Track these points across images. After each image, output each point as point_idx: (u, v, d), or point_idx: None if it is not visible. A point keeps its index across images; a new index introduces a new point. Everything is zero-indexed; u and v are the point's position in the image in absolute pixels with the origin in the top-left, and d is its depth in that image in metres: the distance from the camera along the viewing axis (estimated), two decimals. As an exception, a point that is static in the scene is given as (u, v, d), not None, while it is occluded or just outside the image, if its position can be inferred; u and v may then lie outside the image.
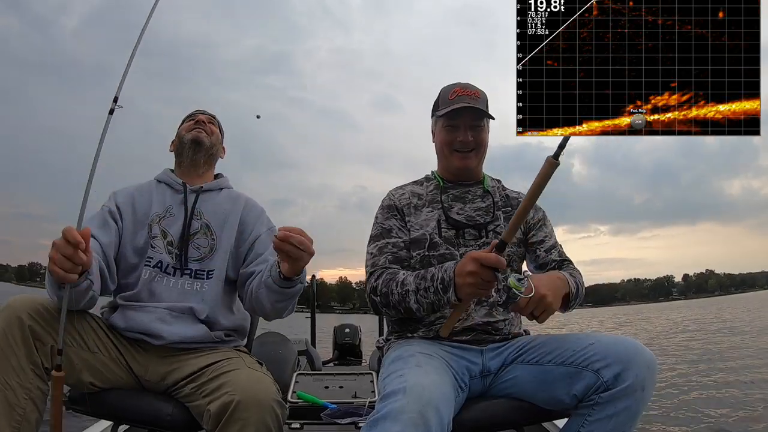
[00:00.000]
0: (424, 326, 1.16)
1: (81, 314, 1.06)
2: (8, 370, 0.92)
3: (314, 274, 4.84)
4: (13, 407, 0.91)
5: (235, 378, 0.98)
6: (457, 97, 1.22)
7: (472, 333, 1.13)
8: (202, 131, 1.29)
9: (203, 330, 1.14)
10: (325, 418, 1.59)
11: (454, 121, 1.22)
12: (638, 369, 0.92)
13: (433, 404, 0.82)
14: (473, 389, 1.09)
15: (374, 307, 1.15)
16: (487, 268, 0.92)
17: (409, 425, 0.78)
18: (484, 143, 1.26)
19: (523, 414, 1.05)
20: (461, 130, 1.22)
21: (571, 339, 1.03)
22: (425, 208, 1.24)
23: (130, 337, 1.11)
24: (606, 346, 0.96)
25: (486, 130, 1.26)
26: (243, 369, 1.03)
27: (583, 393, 0.95)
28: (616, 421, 0.92)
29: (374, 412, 0.84)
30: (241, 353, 1.16)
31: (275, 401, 0.95)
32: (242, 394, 0.91)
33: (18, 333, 0.94)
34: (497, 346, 1.13)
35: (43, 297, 1.01)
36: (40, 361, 0.95)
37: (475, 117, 1.22)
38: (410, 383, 0.85)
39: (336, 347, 4.29)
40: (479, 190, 1.28)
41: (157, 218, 1.22)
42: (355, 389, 1.87)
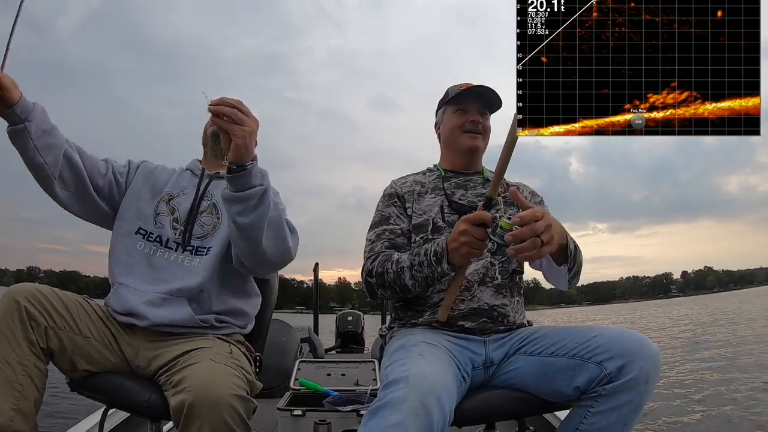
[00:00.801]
0: (428, 309, 1.16)
1: (75, 300, 1.08)
2: (6, 348, 0.94)
3: (317, 262, 4.81)
4: (11, 383, 0.93)
5: (192, 373, 0.94)
6: (466, 87, 1.29)
7: (478, 319, 1.13)
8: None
9: (188, 314, 1.12)
10: (327, 405, 1.59)
11: (465, 105, 1.29)
12: (642, 362, 0.92)
13: (435, 394, 0.82)
14: (475, 379, 1.09)
15: (370, 290, 1.16)
16: (476, 226, 0.97)
17: (410, 414, 0.78)
18: (489, 131, 1.32)
19: (524, 405, 1.06)
20: (470, 112, 1.29)
21: (574, 331, 1.04)
22: (428, 195, 1.27)
23: (123, 321, 1.12)
24: (610, 339, 0.97)
25: (489, 122, 1.33)
26: (204, 362, 0.98)
27: (586, 385, 0.96)
28: (619, 414, 0.93)
29: (376, 400, 0.84)
30: (218, 341, 1.11)
31: (233, 396, 0.91)
32: (197, 392, 0.89)
33: (15, 314, 0.97)
34: (500, 336, 1.14)
35: (42, 285, 1.05)
36: (37, 341, 0.98)
37: (484, 104, 1.30)
38: (412, 372, 0.85)
39: (338, 335, 4.29)
40: (480, 179, 1.33)
41: (168, 197, 1.25)
42: (357, 377, 1.88)
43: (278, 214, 1.07)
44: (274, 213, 1.06)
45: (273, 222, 1.06)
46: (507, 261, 1.20)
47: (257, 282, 1.32)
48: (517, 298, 1.21)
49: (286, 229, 1.10)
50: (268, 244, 1.06)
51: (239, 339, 1.20)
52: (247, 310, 1.24)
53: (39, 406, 0.98)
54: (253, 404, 0.98)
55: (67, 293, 1.09)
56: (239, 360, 1.06)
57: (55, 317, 1.02)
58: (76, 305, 1.07)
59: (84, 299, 1.12)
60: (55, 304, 1.02)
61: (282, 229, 1.08)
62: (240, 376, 0.98)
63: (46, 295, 1.02)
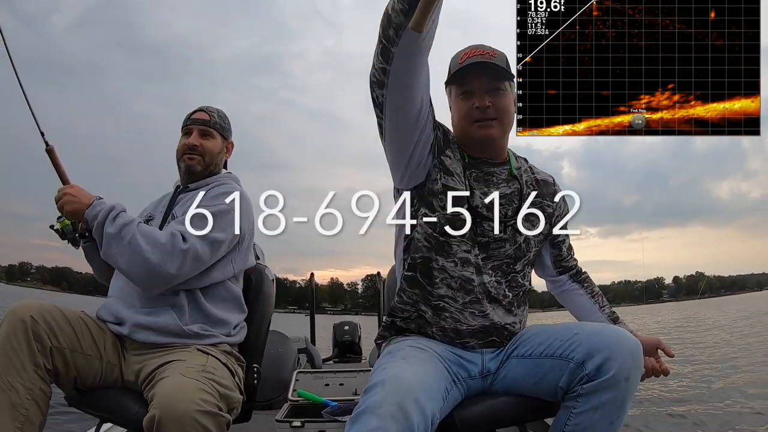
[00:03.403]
0: (431, 311, 1.08)
1: (78, 317, 1.08)
2: (12, 371, 0.93)
3: (312, 272, 4.82)
4: (16, 408, 0.92)
5: (161, 389, 0.93)
6: (467, 59, 1.03)
7: (487, 337, 1.07)
8: (194, 158, 1.26)
9: (173, 320, 1.11)
10: (325, 415, 1.58)
11: (468, 86, 1.04)
12: (621, 359, 0.89)
13: (412, 396, 0.79)
14: (474, 387, 1.07)
15: (372, 79, 0.93)
16: None
17: (387, 418, 0.75)
18: (507, 110, 1.03)
19: (525, 409, 1.04)
20: (476, 95, 1.03)
21: (559, 330, 1.01)
22: (456, 171, 1.06)
23: (113, 330, 1.12)
24: (588, 336, 0.94)
25: (509, 96, 1.05)
26: (172, 377, 0.96)
27: (567, 385, 0.93)
28: (602, 413, 0.90)
29: (357, 406, 0.81)
30: (196, 353, 1.09)
31: (198, 412, 0.89)
32: (162, 409, 0.88)
33: (22, 335, 0.95)
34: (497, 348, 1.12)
35: (45, 302, 1.05)
36: (43, 363, 0.97)
37: (492, 78, 1.02)
38: (389, 375, 0.83)
39: (336, 345, 4.28)
40: (504, 172, 1.09)
41: (147, 218, 1.26)
42: (356, 386, 1.87)
43: (132, 236, 1.07)
44: (128, 235, 1.07)
45: (123, 238, 1.08)
46: (515, 276, 1.10)
47: (253, 293, 1.31)
48: (523, 308, 1.15)
49: (141, 247, 1.07)
50: (124, 265, 1.10)
51: (226, 349, 1.16)
52: (229, 319, 1.21)
53: (42, 428, 0.97)
54: (225, 418, 0.95)
55: (71, 310, 1.09)
56: (214, 372, 1.03)
57: (60, 337, 1.01)
58: (79, 322, 1.07)
59: (85, 315, 1.12)
60: (60, 324, 1.02)
61: (133, 248, 1.07)
62: (210, 390, 0.96)
63: (52, 314, 1.02)
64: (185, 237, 1.11)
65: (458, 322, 1.06)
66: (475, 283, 1.04)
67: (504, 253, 1.06)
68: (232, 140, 1.35)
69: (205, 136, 1.28)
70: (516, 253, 1.06)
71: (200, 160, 1.26)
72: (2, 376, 0.92)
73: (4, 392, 0.91)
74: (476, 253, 1.05)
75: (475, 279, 1.04)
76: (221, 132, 1.31)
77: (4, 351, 0.94)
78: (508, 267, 1.06)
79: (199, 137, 1.27)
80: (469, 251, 1.04)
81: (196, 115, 1.29)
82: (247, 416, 1.22)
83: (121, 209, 1.11)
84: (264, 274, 1.35)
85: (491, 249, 1.05)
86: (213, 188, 1.23)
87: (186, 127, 1.29)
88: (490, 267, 1.06)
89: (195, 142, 1.26)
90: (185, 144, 1.27)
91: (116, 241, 1.07)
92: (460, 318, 1.05)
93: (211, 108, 1.31)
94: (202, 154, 1.27)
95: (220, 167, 1.32)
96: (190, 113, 1.31)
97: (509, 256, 1.06)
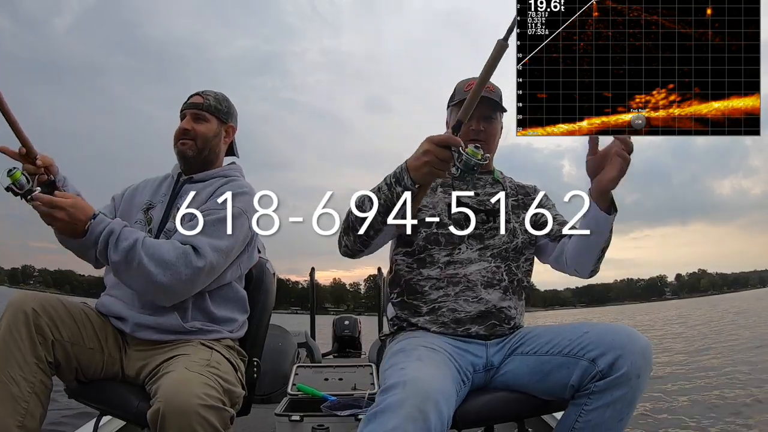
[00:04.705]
0: (426, 306, 1.14)
1: (80, 310, 1.08)
2: (13, 364, 0.93)
3: (313, 267, 4.84)
4: (17, 401, 0.92)
5: (165, 382, 0.93)
6: (471, 89, 1.22)
7: (486, 321, 1.12)
8: (186, 142, 1.24)
9: (174, 318, 1.11)
10: (324, 410, 1.59)
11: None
12: (633, 356, 0.92)
13: (432, 399, 0.81)
14: (476, 382, 1.09)
15: (341, 246, 1.08)
16: (441, 147, 0.90)
17: (407, 420, 0.77)
18: (495, 136, 1.27)
19: (523, 406, 1.06)
20: (474, 120, 1.23)
21: (567, 329, 1.04)
22: (438, 189, 1.25)
23: (116, 326, 1.13)
24: (600, 334, 0.97)
25: (498, 123, 1.28)
26: (176, 371, 0.96)
27: (579, 382, 0.96)
28: (613, 410, 0.93)
29: (374, 405, 0.83)
30: (201, 348, 1.09)
31: (202, 406, 0.89)
32: (166, 402, 0.88)
33: (23, 328, 0.95)
34: (501, 339, 1.14)
35: (46, 294, 1.06)
36: (44, 356, 0.97)
37: (488, 108, 1.24)
38: (410, 377, 0.84)
39: (335, 339, 4.28)
40: (489, 179, 1.30)
41: (147, 205, 1.24)
42: (355, 381, 1.88)
43: (139, 261, 1.02)
44: (135, 261, 1.03)
45: (130, 263, 1.03)
46: (511, 257, 1.19)
47: (254, 286, 1.31)
48: (521, 301, 1.21)
49: (149, 270, 1.03)
50: (136, 288, 1.09)
51: (228, 344, 1.17)
52: (234, 315, 1.21)
53: (43, 422, 0.97)
54: (229, 413, 0.95)
55: (73, 302, 1.09)
56: (218, 367, 1.04)
57: (62, 329, 1.01)
58: (81, 315, 1.07)
59: (87, 307, 1.12)
60: (62, 316, 1.02)
61: (142, 273, 1.03)
62: (214, 385, 0.96)
63: (54, 306, 1.01)
64: (198, 250, 1.07)
65: (455, 312, 1.12)
66: (460, 276, 1.14)
67: (499, 241, 1.19)
68: (232, 124, 1.32)
69: (197, 119, 1.26)
70: (509, 239, 1.19)
71: (192, 144, 1.24)
72: (3, 369, 0.92)
73: (4, 385, 0.91)
74: (468, 245, 1.17)
75: (460, 272, 1.15)
76: (216, 114, 1.28)
77: (5, 343, 0.94)
78: (501, 254, 1.19)
79: (191, 121, 1.25)
80: (450, 254, 1.16)
81: (191, 100, 1.27)
82: (246, 410, 1.23)
83: (120, 228, 1.06)
84: (265, 268, 1.35)
85: (485, 239, 1.19)
86: (222, 186, 1.21)
87: (181, 112, 1.28)
88: (488, 255, 1.17)
89: (187, 126, 1.24)
90: (178, 129, 1.25)
91: (123, 266, 1.04)
92: (456, 307, 1.13)
93: (208, 91, 1.28)
94: (194, 138, 1.24)
95: (218, 152, 1.29)
96: (187, 98, 1.30)
97: (500, 245, 1.19)
